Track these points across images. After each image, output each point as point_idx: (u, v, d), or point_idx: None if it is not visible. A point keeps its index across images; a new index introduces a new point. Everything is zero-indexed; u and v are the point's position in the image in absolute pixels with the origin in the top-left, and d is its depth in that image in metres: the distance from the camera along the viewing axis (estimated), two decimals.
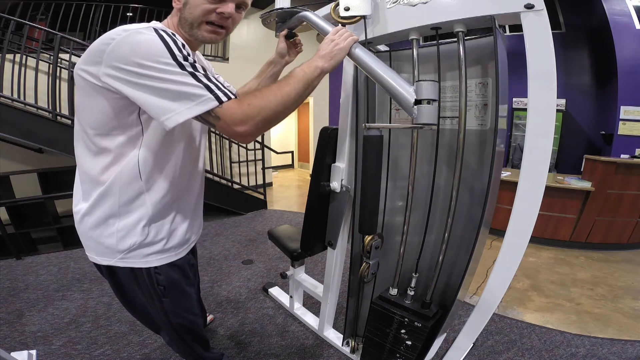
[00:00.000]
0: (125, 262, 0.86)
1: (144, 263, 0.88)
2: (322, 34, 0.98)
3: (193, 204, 1.01)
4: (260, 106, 0.72)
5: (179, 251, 0.95)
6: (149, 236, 0.86)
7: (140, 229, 0.84)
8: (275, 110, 0.74)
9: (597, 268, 2.62)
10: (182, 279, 0.98)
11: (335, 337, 1.66)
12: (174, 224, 0.92)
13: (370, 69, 0.91)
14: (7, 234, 2.58)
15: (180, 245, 0.95)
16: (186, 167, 0.92)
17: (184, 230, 0.96)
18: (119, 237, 0.84)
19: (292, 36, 1.15)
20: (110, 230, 0.83)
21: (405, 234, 1.15)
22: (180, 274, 0.97)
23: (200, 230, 1.12)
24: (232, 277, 2.39)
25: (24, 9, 3.81)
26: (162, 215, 0.88)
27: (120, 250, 0.84)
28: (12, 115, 2.58)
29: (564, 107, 4.62)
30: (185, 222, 0.97)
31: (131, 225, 0.84)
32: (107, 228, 0.83)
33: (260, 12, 5.23)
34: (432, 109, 0.84)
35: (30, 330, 1.74)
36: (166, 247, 0.91)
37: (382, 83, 0.90)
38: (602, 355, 1.61)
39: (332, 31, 0.93)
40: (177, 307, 0.99)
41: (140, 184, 0.82)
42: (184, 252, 0.98)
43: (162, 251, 0.90)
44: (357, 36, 0.94)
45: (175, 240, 0.93)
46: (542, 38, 0.82)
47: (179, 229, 0.94)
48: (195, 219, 1.04)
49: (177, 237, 0.94)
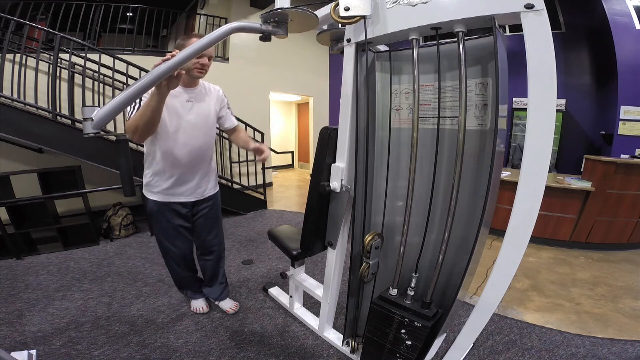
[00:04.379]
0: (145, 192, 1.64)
1: (146, 194, 1.63)
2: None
3: (178, 174, 1.56)
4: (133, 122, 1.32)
5: (160, 196, 1.59)
6: (150, 182, 1.59)
7: (148, 177, 1.59)
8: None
9: (597, 268, 2.62)
10: (159, 214, 1.62)
11: (335, 337, 1.66)
12: (161, 181, 1.57)
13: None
14: (7, 234, 2.58)
15: (161, 194, 1.59)
16: (169, 153, 1.51)
17: (166, 186, 1.57)
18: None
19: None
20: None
21: (405, 234, 1.15)
22: (157, 209, 1.61)
23: (196, 196, 1.65)
24: (232, 277, 2.39)
25: (24, 9, 3.82)
26: (156, 174, 1.57)
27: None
28: (12, 115, 2.58)
29: (564, 107, 4.62)
30: (168, 182, 1.56)
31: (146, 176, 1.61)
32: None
33: (260, 12, 5.23)
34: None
35: (30, 330, 1.74)
36: (153, 191, 1.60)
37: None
38: (602, 355, 1.61)
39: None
40: (157, 229, 1.70)
41: (150, 158, 1.56)
42: (163, 199, 1.59)
43: (150, 192, 1.61)
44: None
45: (158, 189, 1.58)
46: (542, 38, 0.82)
47: (163, 185, 1.57)
48: (183, 184, 1.59)
49: (160, 189, 1.58)
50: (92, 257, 2.73)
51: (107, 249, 2.90)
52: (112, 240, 3.11)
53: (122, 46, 4.31)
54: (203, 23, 5.13)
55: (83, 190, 2.93)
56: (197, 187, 1.64)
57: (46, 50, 3.43)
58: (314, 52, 6.22)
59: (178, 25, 6.38)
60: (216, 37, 1.10)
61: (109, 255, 2.78)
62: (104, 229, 3.22)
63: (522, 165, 0.90)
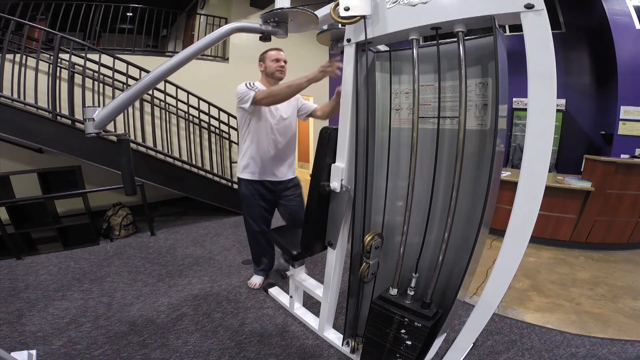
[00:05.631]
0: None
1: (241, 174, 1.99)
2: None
3: (269, 158, 1.93)
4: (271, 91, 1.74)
5: (250, 177, 1.96)
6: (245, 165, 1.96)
7: (245, 161, 1.96)
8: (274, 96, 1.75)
9: (597, 268, 2.62)
10: (248, 193, 1.98)
11: (335, 337, 1.66)
12: (252, 164, 1.93)
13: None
14: (7, 234, 2.58)
15: (253, 174, 1.95)
16: (262, 139, 1.88)
17: (256, 169, 1.94)
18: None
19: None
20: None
21: (405, 234, 1.15)
22: (246, 188, 1.98)
23: (282, 176, 2.01)
24: (232, 277, 2.39)
25: (24, 9, 3.81)
26: (251, 158, 1.93)
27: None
28: (12, 115, 2.58)
29: (564, 107, 4.62)
30: (258, 167, 1.93)
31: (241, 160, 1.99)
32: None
33: (260, 12, 5.23)
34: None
35: (30, 330, 1.74)
36: (247, 172, 1.96)
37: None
38: (602, 355, 1.61)
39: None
40: (244, 209, 2.06)
41: (246, 146, 1.94)
42: (253, 178, 1.95)
43: (246, 173, 1.97)
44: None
45: (251, 171, 1.95)
46: (542, 38, 0.82)
47: (253, 167, 1.94)
48: (273, 167, 1.95)
49: (252, 170, 1.94)
50: (92, 257, 2.73)
51: (107, 249, 2.90)
52: (112, 240, 3.11)
53: (122, 46, 4.30)
54: (203, 23, 5.12)
55: (83, 190, 2.93)
56: (276, 166, 1.97)
57: (46, 50, 3.43)
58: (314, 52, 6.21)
59: (178, 25, 6.37)
60: (216, 38, 1.10)
61: (109, 255, 2.78)
62: (104, 229, 3.22)
63: (522, 165, 0.90)
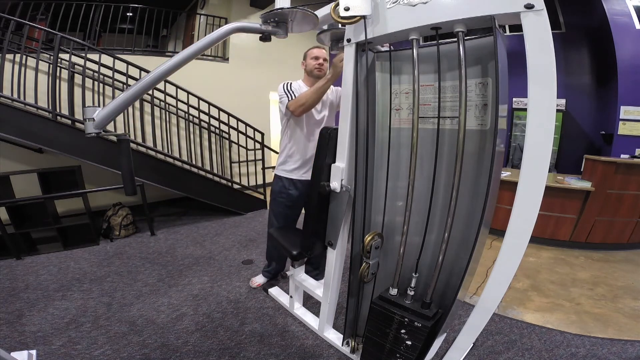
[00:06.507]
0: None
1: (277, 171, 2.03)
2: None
3: (305, 158, 1.93)
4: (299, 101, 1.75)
5: (284, 174, 1.98)
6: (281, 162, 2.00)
7: (281, 158, 1.99)
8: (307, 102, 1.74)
9: (597, 268, 2.62)
10: (277, 189, 2.01)
11: (335, 337, 1.66)
12: (289, 162, 1.96)
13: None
14: (7, 234, 2.58)
15: (288, 172, 1.96)
16: (299, 140, 1.91)
17: (290, 167, 1.96)
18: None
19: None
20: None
21: (405, 234, 1.15)
22: (277, 185, 2.01)
23: (307, 173, 1.95)
24: (232, 277, 2.39)
25: (24, 9, 3.81)
26: (289, 157, 1.95)
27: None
28: (12, 115, 2.58)
29: (564, 107, 4.62)
30: (296, 164, 1.94)
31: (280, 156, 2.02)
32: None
33: (260, 12, 5.23)
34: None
35: (30, 330, 1.74)
36: (281, 168, 2.00)
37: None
38: (602, 355, 1.61)
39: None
40: (270, 204, 2.10)
41: (285, 143, 1.97)
42: (287, 176, 1.97)
43: (280, 170, 2.00)
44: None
45: (286, 169, 1.97)
46: (542, 38, 0.82)
47: (290, 165, 1.96)
48: (304, 166, 1.94)
49: (288, 168, 1.97)
50: (92, 257, 2.73)
51: (107, 249, 2.90)
52: (112, 240, 3.11)
53: (122, 46, 4.30)
54: (203, 23, 5.12)
55: (83, 190, 2.93)
56: (307, 165, 1.98)
57: (46, 50, 3.43)
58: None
59: (178, 25, 6.36)
60: (216, 38, 1.10)
61: (109, 255, 2.78)
62: (104, 229, 3.22)
63: (522, 165, 0.90)
